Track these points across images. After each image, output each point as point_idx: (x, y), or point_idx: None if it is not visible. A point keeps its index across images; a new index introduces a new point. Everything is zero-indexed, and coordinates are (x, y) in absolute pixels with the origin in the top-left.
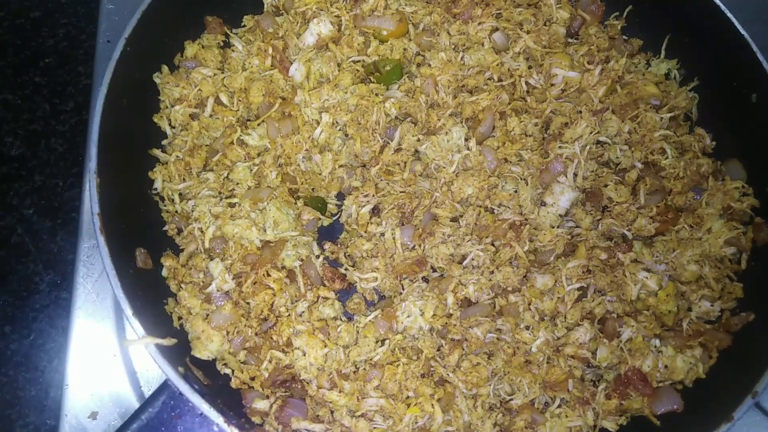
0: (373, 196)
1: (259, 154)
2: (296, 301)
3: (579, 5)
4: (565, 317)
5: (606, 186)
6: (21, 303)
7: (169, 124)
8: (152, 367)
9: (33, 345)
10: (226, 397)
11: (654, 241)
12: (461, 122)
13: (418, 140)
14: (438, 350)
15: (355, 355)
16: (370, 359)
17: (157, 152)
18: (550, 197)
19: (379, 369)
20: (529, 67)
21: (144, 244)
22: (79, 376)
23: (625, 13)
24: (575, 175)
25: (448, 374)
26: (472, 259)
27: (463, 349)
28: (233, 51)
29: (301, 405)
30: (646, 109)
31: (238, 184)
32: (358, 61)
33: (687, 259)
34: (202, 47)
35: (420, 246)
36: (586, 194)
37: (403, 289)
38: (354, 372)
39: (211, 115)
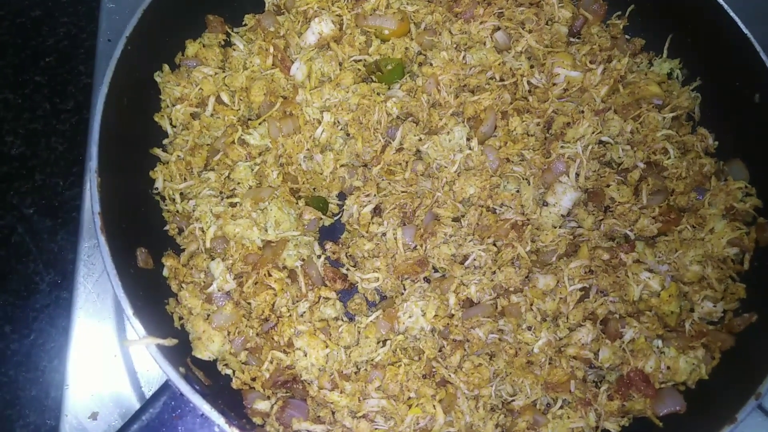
0: (375, 195)
1: (260, 154)
2: (297, 301)
3: (581, 4)
4: (567, 318)
5: (608, 186)
6: (21, 303)
7: (170, 124)
8: (153, 368)
9: (33, 345)
10: (227, 397)
11: (656, 241)
12: (463, 122)
13: (420, 140)
14: (440, 351)
15: (356, 355)
16: (372, 360)
17: (158, 151)
18: (552, 197)
19: (380, 370)
20: (531, 67)
21: (145, 244)
22: (80, 377)
23: (627, 13)
24: (577, 175)
25: (449, 375)
26: (474, 260)
27: (465, 349)
28: (234, 50)
29: (302, 406)
30: (649, 108)
31: (239, 183)
32: (360, 60)
33: (689, 259)
34: (203, 46)
35: (421, 246)
36: (589, 194)
37: (405, 290)
38: (355, 373)
39: (212, 115)
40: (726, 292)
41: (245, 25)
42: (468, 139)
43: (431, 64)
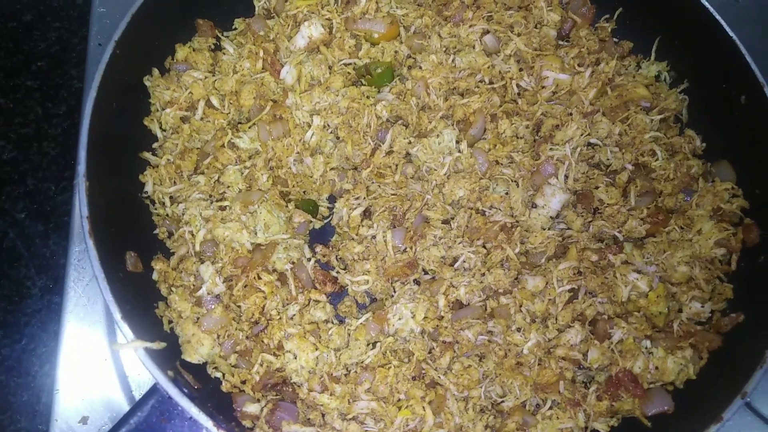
0: (365, 198)
1: (250, 157)
2: (287, 304)
3: (569, 8)
4: (556, 319)
5: (597, 188)
6: (13, 307)
7: (160, 127)
8: (143, 372)
9: (25, 350)
10: (217, 400)
11: (644, 242)
12: (452, 125)
13: (410, 143)
14: (429, 353)
15: (346, 357)
16: (361, 362)
17: (147, 155)
18: (541, 199)
19: (370, 372)
20: (520, 70)
21: (134, 248)
22: (70, 381)
23: (615, 16)
24: (566, 177)
25: (439, 376)
26: (464, 262)
27: (455, 351)
28: (224, 54)
29: (292, 408)
30: (637, 111)
31: (228, 187)
32: (350, 63)
33: (677, 260)
34: (193, 50)
35: (411, 248)
36: (577, 196)
37: (395, 292)
38: (345, 375)
39: (201, 118)
40: (713, 293)
41: (235, 29)
42: (457, 142)
43: (421, 68)
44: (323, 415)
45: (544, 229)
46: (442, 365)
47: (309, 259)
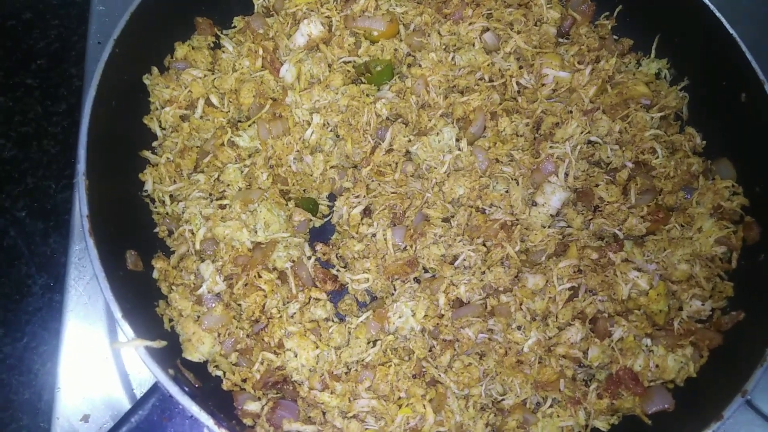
0: (365, 197)
1: (249, 156)
2: (288, 302)
3: (569, 5)
4: (556, 317)
5: (597, 186)
6: (14, 306)
7: (160, 126)
8: (144, 370)
9: (26, 348)
10: (218, 399)
11: (645, 240)
12: (452, 123)
13: (409, 141)
14: (430, 351)
15: (346, 356)
16: (362, 360)
17: (147, 154)
18: (541, 197)
19: (370, 370)
20: (520, 68)
21: (134, 246)
22: (72, 379)
23: (615, 13)
24: (566, 174)
25: (439, 375)
26: (464, 260)
27: (455, 349)
28: (223, 52)
29: (293, 406)
30: (637, 108)
31: (228, 185)
32: (349, 61)
33: (678, 258)
34: (192, 48)
35: (411, 247)
36: (577, 194)
37: (395, 290)
38: (346, 373)
39: (201, 117)
40: (714, 291)
41: (234, 27)
42: (457, 140)
43: (420, 66)
44: (324, 414)
45: (545, 227)
46: (443, 363)
47: (309, 258)
